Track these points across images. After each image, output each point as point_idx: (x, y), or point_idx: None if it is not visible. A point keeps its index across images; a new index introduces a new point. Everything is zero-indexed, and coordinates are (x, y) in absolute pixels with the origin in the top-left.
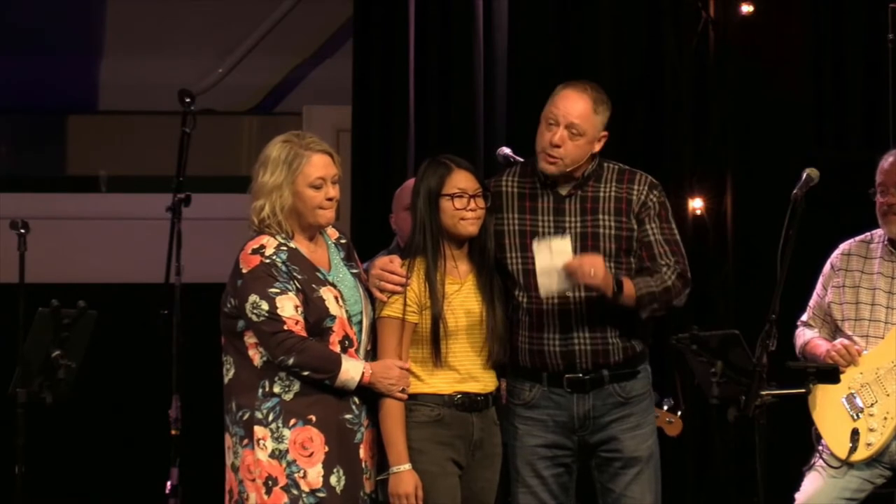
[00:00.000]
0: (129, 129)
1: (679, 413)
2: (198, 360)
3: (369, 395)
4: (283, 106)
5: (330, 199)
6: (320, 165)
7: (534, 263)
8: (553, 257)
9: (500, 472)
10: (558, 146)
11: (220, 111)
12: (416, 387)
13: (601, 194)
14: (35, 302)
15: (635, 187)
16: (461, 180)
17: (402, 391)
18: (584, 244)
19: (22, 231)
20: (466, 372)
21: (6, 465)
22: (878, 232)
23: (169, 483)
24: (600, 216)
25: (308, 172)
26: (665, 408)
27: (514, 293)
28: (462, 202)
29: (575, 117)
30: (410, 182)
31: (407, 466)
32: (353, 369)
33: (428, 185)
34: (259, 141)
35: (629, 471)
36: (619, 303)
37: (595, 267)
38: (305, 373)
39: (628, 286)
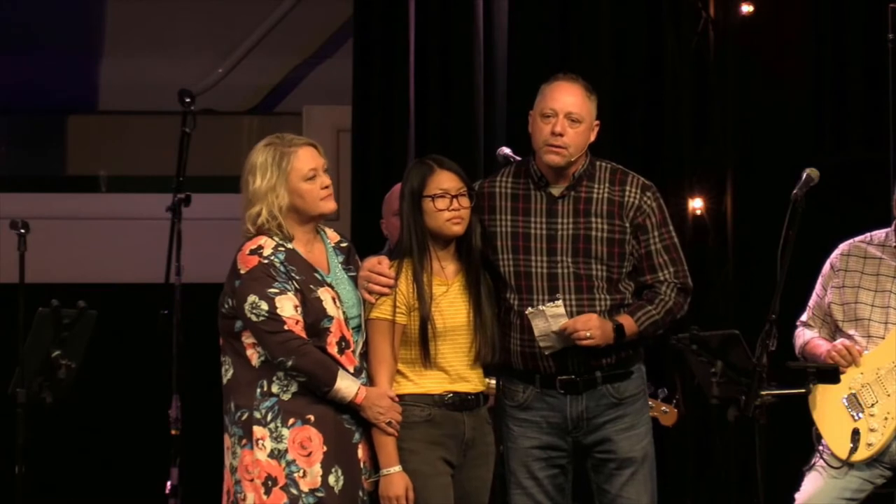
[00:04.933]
0: (129, 129)
1: (674, 402)
2: (198, 360)
3: None
4: (283, 106)
5: (326, 188)
6: (308, 158)
7: (525, 265)
8: (548, 322)
9: (499, 473)
10: (561, 134)
11: (220, 111)
12: (407, 388)
13: (594, 195)
14: (35, 302)
15: (628, 189)
16: (444, 180)
17: (389, 424)
18: (576, 246)
19: (22, 231)
20: (456, 372)
21: (6, 465)
22: (878, 233)
23: (169, 483)
24: (592, 218)
25: (299, 167)
26: (659, 398)
27: (505, 295)
28: (444, 202)
29: (571, 105)
30: (398, 187)
31: (397, 468)
32: (345, 389)
33: (411, 187)
34: (259, 141)
35: (624, 472)
36: (623, 342)
37: (590, 329)
38: (301, 378)
39: (629, 325)
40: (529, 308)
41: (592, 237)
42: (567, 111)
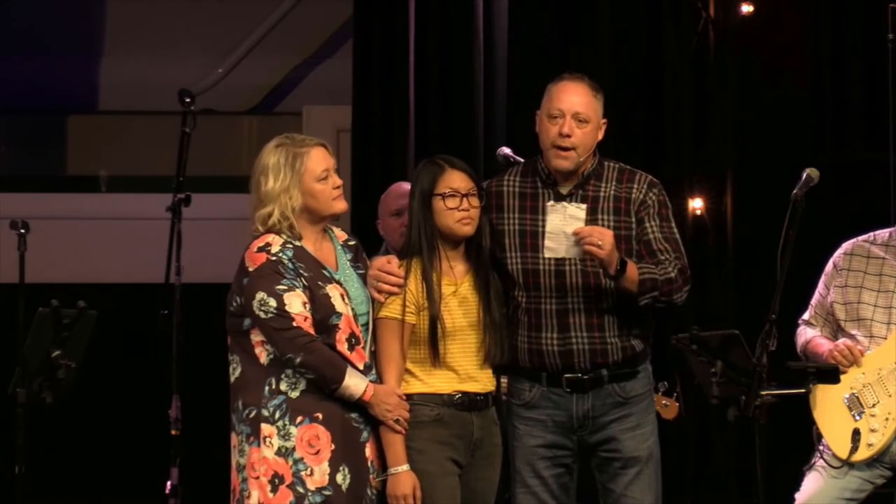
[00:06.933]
0: (129, 129)
1: (675, 396)
2: (198, 360)
3: None
4: (283, 106)
5: (337, 188)
6: (320, 158)
7: (533, 263)
8: (566, 221)
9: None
10: (569, 135)
11: (220, 111)
12: (416, 387)
13: (601, 194)
14: (35, 302)
15: (635, 186)
16: (454, 180)
17: (397, 422)
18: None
19: (22, 231)
20: (465, 372)
21: (6, 465)
22: (881, 233)
23: (169, 483)
24: (600, 216)
25: (312, 168)
26: (660, 391)
27: (513, 293)
28: (454, 202)
29: (578, 105)
30: (395, 187)
31: (405, 468)
32: (353, 386)
33: (421, 186)
34: (259, 141)
35: (629, 471)
36: (619, 284)
37: (604, 239)
38: (310, 375)
39: (631, 268)
40: (551, 201)
41: None
42: (574, 111)
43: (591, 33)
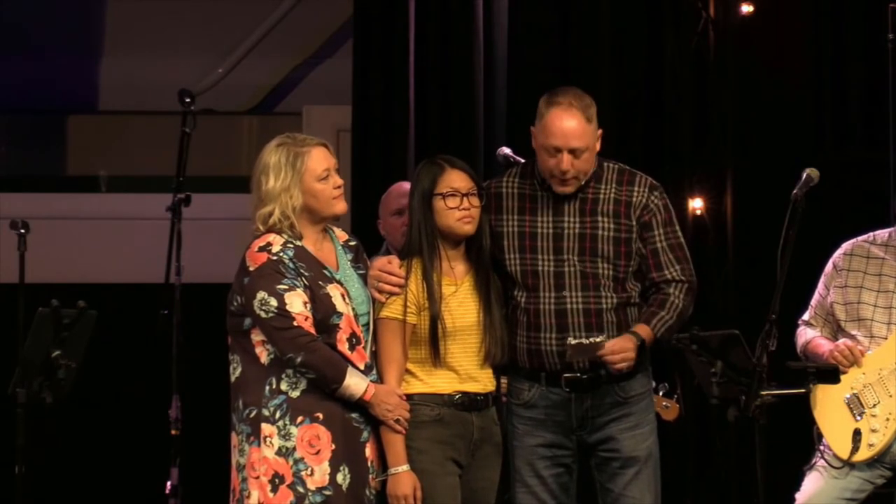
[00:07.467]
0: (129, 129)
1: (675, 397)
2: (198, 360)
3: None
4: (283, 106)
5: (338, 188)
6: (321, 158)
7: (532, 263)
8: (588, 350)
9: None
10: (567, 170)
11: (220, 111)
12: (416, 387)
13: (601, 196)
14: (35, 302)
15: (635, 189)
16: (454, 179)
17: (397, 422)
18: (583, 245)
19: (22, 231)
20: (465, 372)
21: (6, 465)
22: (881, 233)
23: (169, 483)
24: (599, 218)
25: (313, 168)
26: (660, 393)
27: (512, 293)
28: (454, 201)
29: (573, 140)
30: (396, 187)
31: (405, 468)
32: (354, 386)
33: (422, 186)
34: (259, 141)
35: (628, 471)
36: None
37: (625, 356)
38: (310, 375)
39: (647, 334)
40: (571, 340)
41: (599, 236)
42: (570, 147)
43: (591, 33)
